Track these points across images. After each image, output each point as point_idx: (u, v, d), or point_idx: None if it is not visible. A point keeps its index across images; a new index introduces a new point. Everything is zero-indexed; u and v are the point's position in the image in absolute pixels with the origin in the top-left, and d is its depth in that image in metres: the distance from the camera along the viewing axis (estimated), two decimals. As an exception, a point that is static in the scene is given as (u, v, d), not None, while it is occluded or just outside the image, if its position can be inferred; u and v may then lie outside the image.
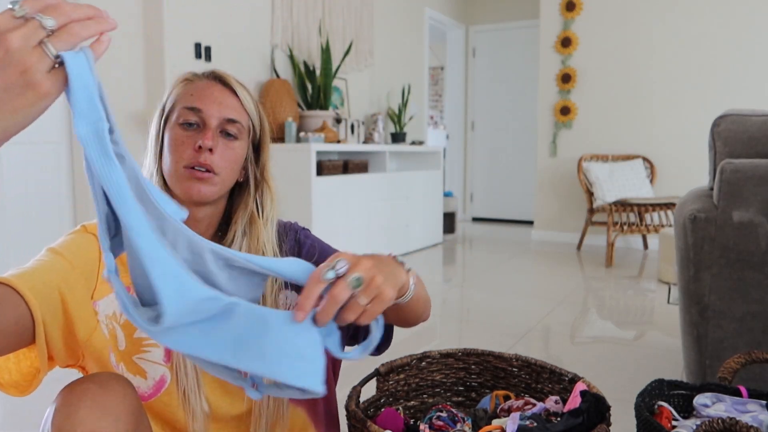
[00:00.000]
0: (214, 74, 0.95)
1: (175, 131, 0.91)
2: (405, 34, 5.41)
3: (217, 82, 0.94)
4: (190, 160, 0.89)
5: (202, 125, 0.91)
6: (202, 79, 0.95)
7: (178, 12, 3.19)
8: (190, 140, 0.90)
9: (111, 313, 0.88)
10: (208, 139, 0.89)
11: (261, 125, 0.99)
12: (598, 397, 0.96)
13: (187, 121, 0.91)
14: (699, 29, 4.56)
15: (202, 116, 0.91)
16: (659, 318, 2.81)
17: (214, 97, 0.92)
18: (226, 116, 0.92)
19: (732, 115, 1.60)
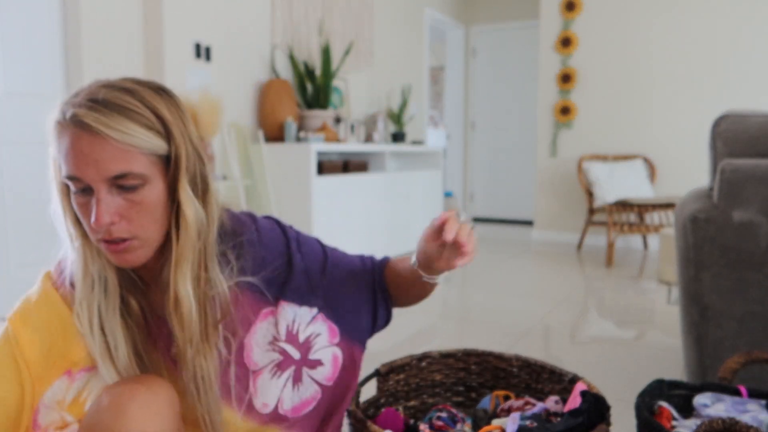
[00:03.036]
0: (75, 120, 0.74)
1: (76, 200, 0.78)
2: (405, 34, 5.41)
3: (83, 131, 0.74)
4: (96, 236, 0.79)
5: (89, 190, 0.76)
6: (69, 127, 0.75)
7: (178, 12, 3.19)
8: (87, 210, 0.77)
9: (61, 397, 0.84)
10: (98, 217, 0.74)
11: (172, 146, 0.79)
12: (598, 397, 0.96)
13: (74, 189, 0.77)
14: (699, 29, 4.56)
15: (84, 183, 0.76)
16: (659, 318, 2.81)
17: (85, 155, 0.73)
18: (110, 175, 0.74)
19: (732, 115, 1.60)
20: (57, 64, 2.91)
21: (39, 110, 2.85)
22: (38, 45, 2.83)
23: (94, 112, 0.74)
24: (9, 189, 2.75)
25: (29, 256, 2.84)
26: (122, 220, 0.77)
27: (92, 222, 0.75)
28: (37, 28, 2.83)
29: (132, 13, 3.11)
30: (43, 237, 3.12)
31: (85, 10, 2.88)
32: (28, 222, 2.83)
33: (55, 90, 2.92)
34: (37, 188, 2.86)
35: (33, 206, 2.85)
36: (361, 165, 4.08)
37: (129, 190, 0.76)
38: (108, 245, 0.78)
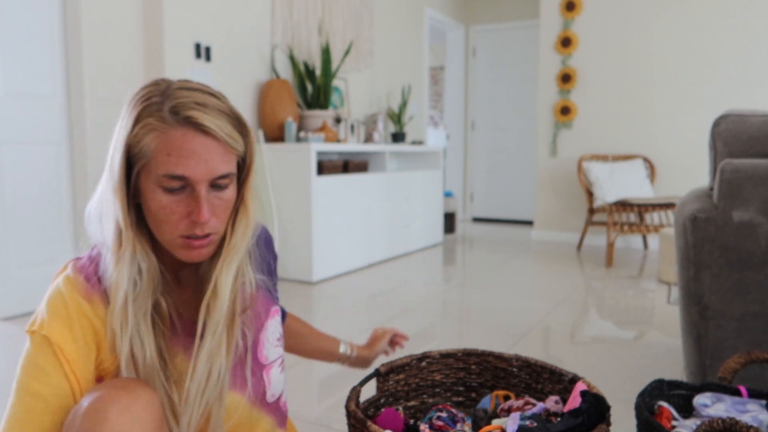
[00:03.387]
0: (190, 121, 0.77)
1: (159, 197, 0.78)
2: (405, 34, 5.41)
3: (197, 131, 0.77)
4: (186, 231, 0.79)
5: (190, 189, 0.79)
6: (176, 127, 0.77)
7: (178, 12, 3.19)
8: (179, 207, 0.79)
9: None
10: (203, 215, 0.78)
11: (247, 147, 0.85)
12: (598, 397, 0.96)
13: (171, 187, 0.78)
14: (699, 29, 4.56)
15: (188, 182, 0.78)
16: (659, 318, 2.81)
17: (197, 155, 0.77)
18: (215, 174, 0.79)
19: (732, 115, 1.60)
20: (57, 64, 2.91)
21: (39, 110, 2.85)
22: (38, 45, 2.84)
23: (208, 115, 0.77)
24: (9, 189, 2.75)
25: (29, 256, 2.84)
26: (213, 216, 0.81)
27: (197, 218, 0.78)
28: (37, 28, 2.83)
29: (132, 13, 3.11)
30: (44, 237, 3.12)
31: (85, 11, 2.88)
32: (28, 222, 2.83)
33: (55, 90, 2.92)
34: (37, 188, 2.86)
35: (33, 206, 2.85)
36: (361, 165, 4.08)
37: (221, 189, 0.81)
38: (193, 241, 0.80)
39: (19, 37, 2.76)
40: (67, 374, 0.78)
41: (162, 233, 0.81)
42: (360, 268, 3.95)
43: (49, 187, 2.91)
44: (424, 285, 3.52)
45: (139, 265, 0.81)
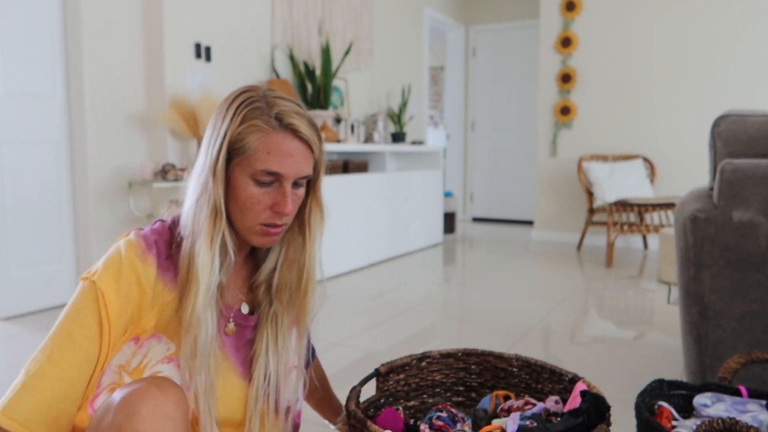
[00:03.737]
0: (291, 128, 0.90)
1: (250, 188, 0.90)
2: (405, 34, 5.41)
3: (295, 137, 0.90)
4: (268, 220, 0.91)
5: (278, 184, 0.91)
6: (282, 131, 0.89)
7: (178, 12, 3.19)
8: (265, 198, 0.90)
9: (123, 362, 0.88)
10: (288, 207, 0.90)
11: (321, 152, 0.98)
12: (598, 397, 0.96)
13: (263, 181, 0.90)
14: (699, 29, 4.56)
15: (278, 178, 0.90)
16: (659, 318, 2.81)
17: (292, 158, 0.90)
18: (301, 174, 0.92)
19: (732, 115, 1.60)
20: (57, 64, 2.91)
21: (39, 110, 2.85)
22: (38, 45, 2.84)
23: (305, 125, 0.91)
24: (9, 189, 2.75)
25: (29, 256, 2.84)
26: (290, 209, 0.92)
27: (283, 210, 0.90)
28: (37, 29, 2.83)
29: (132, 13, 3.11)
30: (44, 237, 3.12)
31: (85, 11, 2.88)
32: (28, 222, 2.83)
33: (55, 90, 2.92)
34: (37, 188, 2.86)
35: (33, 206, 2.85)
36: (361, 165, 4.08)
37: (298, 186, 0.94)
38: (270, 228, 0.92)
39: (19, 37, 2.76)
40: (101, 319, 0.85)
41: (244, 220, 0.91)
42: (360, 268, 3.95)
43: (49, 187, 2.91)
44: (424, 285, 3.52)
45: (226, 246, 0.92)
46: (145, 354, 0.88)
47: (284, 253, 1.00)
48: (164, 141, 3.17)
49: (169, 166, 2.99)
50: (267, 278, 1.01)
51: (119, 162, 3.08)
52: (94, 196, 2.98)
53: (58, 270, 2.96)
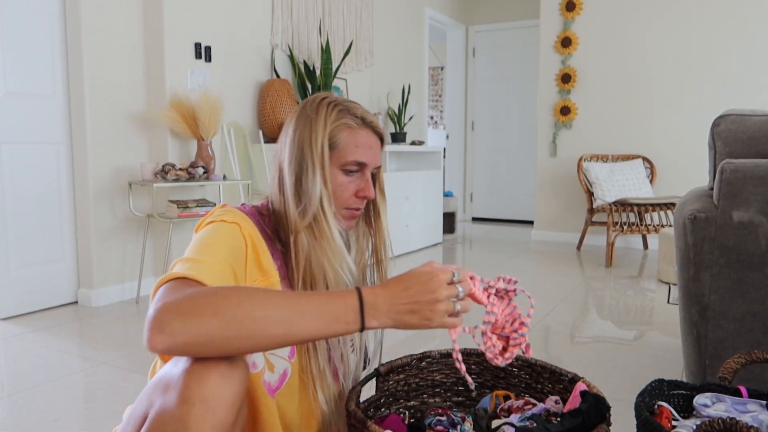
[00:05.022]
0: (374, 126, 1.07)
1: (340, 177, 1.04)
2: (405, 34, 5.41)
3: (374, 133, 1.08)
4: (350, 204, 1.06)
5: (361, 173, 1.06)
6: (365, 128, 1.06)
7: (178, 12, 3.19)
8: (351, 185, 1.05)
9: None
10: (371, 194, 1.06)
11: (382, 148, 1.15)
12: (598, 397, 0.96)
13: (351, 169, 1.05)
14: (699, 29, 4.56)
15: (362, 167, 1.06)
16: (659, 318, 2.81)
17: (374, 152, 1.07)
18: (378, 164, 1.09)
19: (732, 115, 1.60)
20: (57, 64, 2.91)
21: (39, 110, 2.85)
22: (38, 46, 2.83)
23: (380, 124, 1.09)
24: (9, 189, 2.75)
25: (29, 256, 2.84)
26: None
27: (368, 194, 1.06)
28: (38, 29, 2.83)
29: (132, 13, 3.11)
30: (44, 237, 3.11)
31: (85, 11, 2.88)
32: (28, 222, 2.83)
33: (55, 90, 2.92)
34: (38, 188, 2.86)
35: (33, 206, 2.85)
36: (361, 165, 4.08)
37: (373, 176, 1.10)
38: (354, 212, 1.07)
39: (19, 37, 2.76)
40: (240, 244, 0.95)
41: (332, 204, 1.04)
42: (360, 268, 3.95)
43: (49, 187, 2.91)
44: (424, 285, 3.52)
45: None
46: None
47: (356, 239, 1.14)
48: (164, 141, 3.17)
49: (169, 166, 2.99)
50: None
51: (119, 162, 3.08)
52: (94, 196, 2.98)
53: (58, 270, 2.96)
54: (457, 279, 0.84)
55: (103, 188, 3.02)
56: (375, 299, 0.80)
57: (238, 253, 0.94)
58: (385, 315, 0.80)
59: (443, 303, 0.82)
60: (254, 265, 0.97)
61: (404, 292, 0.80)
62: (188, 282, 0.80)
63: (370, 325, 0.80)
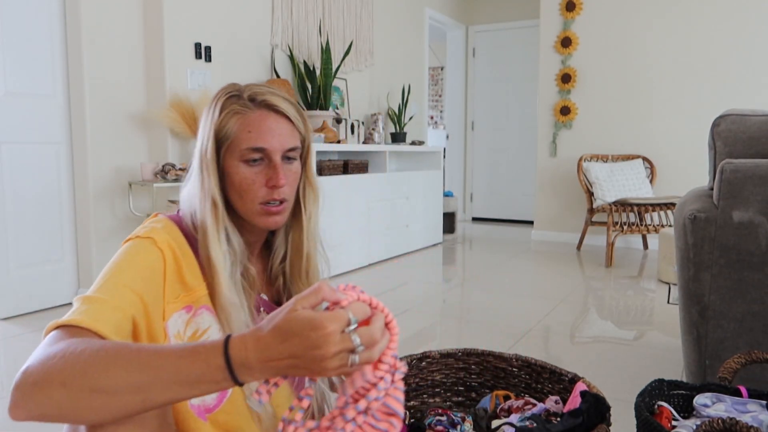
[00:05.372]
0: (266, 102, 0.94)
1: (242, 170, 0.93)
2: (405, 34, 5.41)
3: (271, 111, 0.94)
4: (266, 197, 0.93)
5: (267, 160, 0.94)
6: (254, 109, 0.93)
7: (178, 12, 3.19)
8: (259, 177, 0.93)
9: (176, 332, 0.88)
10: (281, 179, 0.92)
11: (306, 131, 1.00)
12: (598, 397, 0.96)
13: (252, 159, 0.93)
14: (699, 29, 4.56)
15: (266, 153, 0.93)
16: (659, 318, 2.81)
17: (272, 131, 0.93)
18: (288, 146, 0.94)
19: (732, 115, 1.60)
20: (57, 64, 2.91)
21: (39, 110, 2.85)
22: (38, 46, 2.83)
23: (281, 101, 0.94)
24: (9, 189, 2.75)
25: (29, 256, 2.84)
26: (286, 184, 0.95)
27: (276, 182, 0.92)
28: (38, 29, 2.83)
29: (132, 13, 3.11)
30: (44, 237, 3.11)
31: (85, 11, 2.88)
32: (28, 222, 2.83)
33: (55, 90, 2.92)
34: (37, 188, 2.86)
35: (33, 206, 2.85)
36: (361, 165, 4.08)
37: (290, 161, 0.96)
38: (271, 207, 0.94)
39: (19, 37, 2.75)
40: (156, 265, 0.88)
41: (244, 203, 0.94)
42: (360, 268, 3.95)
43: (49, 187, 2.91)
44: (424, 285, 3.52)
45: (229, 237, 0.94)
46: (198, 324, 0.90)
47: (291, 239, 1.03)
48: (164, 141, 3.17)
49: (169, 166, 2.99)
50: (281, 268, 1.03)
51: (119, 162, 3.08)
52: (94, 196, 2.98)
53: (58, 270, 2.96)
54: (354, 324, 0.64)
55: (103, 188, 3.02)
56: (245, 354, 0.64)
57: (151, 273, 0.86)
58: (259, 372, 0.65)
59: (333, 359, 0.63)
60: (176, 279, 0.89)
61: (280, 346, 0.63)
62: (72, 331, 0.73)
63: (247, 379, 0.65)
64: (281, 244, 1.03)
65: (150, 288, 0.85)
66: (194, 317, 0.90)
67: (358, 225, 3.91)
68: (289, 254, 1.02)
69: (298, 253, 1.02)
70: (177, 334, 0.88)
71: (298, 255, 1.02)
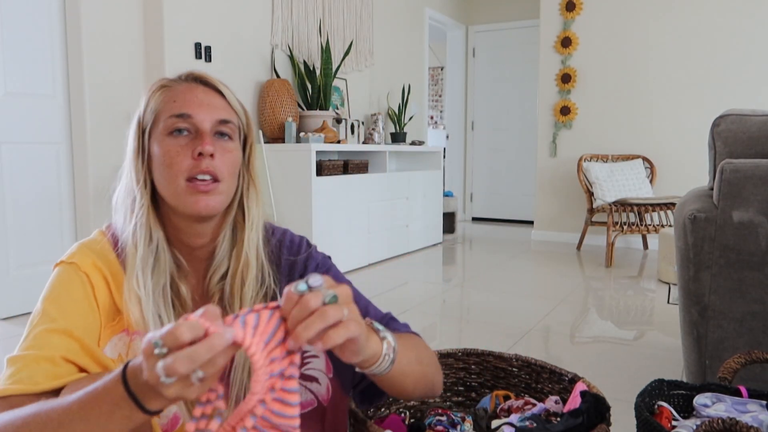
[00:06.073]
0: (193, 75, 0.88)
1: (166, 142, 0.83)
2: (405, 34, 5.41)
3: (199, 83, 0.87)
4: (191, 171, 0.82)
5: (195, 132, 0.84)
6: (181, 83, 0.87)
7: (178, 12, 3.19)
8: (185, 149, 0.82)
9: (116, 356, 0.84)
10: (206, 144, 0.81)
11: (247, 122, 0.92)
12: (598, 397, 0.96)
13: (176, 128, 0.83)
14: (699, 29, 4.56)
15: (192, 122, 0.83)
16: (659, 318, 2.81)
17: (200, 99, 0.84)
18: (218, 117, 0.85)
19: (732, 115, 1.60)
20: (57, 64, 2.91)
21: (39, 110, 2.85)
22: (38, 46, 2.83)
23: (217, 81, 0.88)
24: (9, 189, 2.75)
25: (29, 256, 2.84)
26: (217, 159, 0.83)
27: (198, 150, 0.81)
28: (37, 29, 2.83)
29: (132, 13, 3.11)
30: (44, 237, 3.11)
31: (85, 11, 2.88)
32: (28, 222, 2.83)
33: (56, 90, 2.92)
34: (38, 188, 2.86)
35: (33, 206, 2.85)
36: (361, 165, 4.08)
37: (225, 137, 0.86)
38: (197, 185, 0.82)
39: (19, 37, 2.76)
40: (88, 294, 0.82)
41: (168, 183, 0.83)
42: (360, 268, 3.95)
43: (49, 187, 2.91)
44: (424, 285, 3.52)
45: (152, 233, 0.85)
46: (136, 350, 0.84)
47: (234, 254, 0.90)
48: (164, 141, 3.17)
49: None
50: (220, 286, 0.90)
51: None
52: (94, 196, 2.98)
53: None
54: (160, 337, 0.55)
55: (103, 188, 3.02)
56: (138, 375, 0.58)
57: (77, 304, 0.81)
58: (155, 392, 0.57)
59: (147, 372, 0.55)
60: (108, 302, 0.83)
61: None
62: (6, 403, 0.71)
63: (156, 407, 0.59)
64: (223, 260, 0.90)
65: (80, 320, 0.80)
66: (132, 342, 0.84)
67: (358, 225, 3.91)
68: (230, 271, 0.89)
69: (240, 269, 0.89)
70: (120, 358, 0.83)
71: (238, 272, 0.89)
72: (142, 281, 0.82)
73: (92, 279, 0.83)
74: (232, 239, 0.91)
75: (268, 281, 0.91)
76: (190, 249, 0.90)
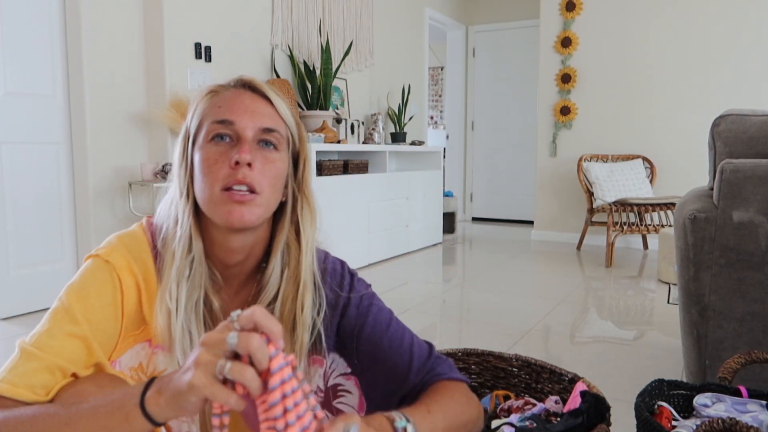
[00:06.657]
0: (242, 81, 0.84)
1: (206, 149, 0.80)
2: (405, 34, 5.41)
3: (246, 89, 0.83)
4: (227, 180, 0.78)
5: (236, 139, 0.80)
6: (229, 88, 0.84)
7: (178, 12, 3.19)
8: (224, 157, 0.79)
9: (136, 365, 0.83)
10: (245, 152, 0.77)
11: (299, 134, 0.88)
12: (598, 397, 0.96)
13: (218, 134, 0.80)
14: (699, 29, 4.56)
15: (234, 128, 0.80)
16: (659, 318, 2.81)
17: (245, 105, 0.81)
18: (262, 125, 0.81)
19: (732, 115, 1.60)
20: (57, 64, 2.91)
21: (39, 110, 2.85)
22: (38, 45, 2.83)
23: (267, 87, 0.84)
24: (9, 189, 2.75)
25: (29, 256, 2.84)
26: (256, 169, 0.79)
27: (235, 158, 0.77)
28: (38, 29, 2.83)
29: (132, 13, 3.11)
30: (44, 237, 3.12)
31: (85, 11, 2.88)
32: (28, 222, 2.83)
33: (55, 90, 2.92)
34: (38, 188, 2.86)
35: (33, 206, 2.85)
36: (361, 165, 4.08)
37: (269, 146, 0.82)
38: (233, 194, 0.77)
39: (19, 37, 2.76)
40: (116, 297, 0.80)
41: (205, 189, 0.79)
42: (360, 268, 3.95)
43: (49, 187, 2.91)
44: (424, 285, 3.52)
45: (192, 245, 0.82)
46: (156, 365, 0.83)
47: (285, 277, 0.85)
48: (164, 141, 3.17)
49: (169, 166, 2.98)
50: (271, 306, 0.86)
51: (119, 162, 3.08)
52: (94, 196, 2.98)
53: (58, 270, 2.96)
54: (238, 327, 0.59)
55: (103, 188, 3.02)
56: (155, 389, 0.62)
57: (106, 309, 0.78)
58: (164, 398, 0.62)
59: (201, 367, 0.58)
60: (135, 311, 0.81)
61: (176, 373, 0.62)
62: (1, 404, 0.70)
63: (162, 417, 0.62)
64: (274, 284, 0.85)
65: (101, 328, 0.78)
66: (154, 355, 0.83)
67: (358, 225, 3.91)
68: (281, 295, 0.85)
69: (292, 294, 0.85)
70: (140, 367, 0.82)
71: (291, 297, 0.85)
72: (175, 293, 0.79)
73: (124, 285, 0.80)
74: (282, 261, 0.86)
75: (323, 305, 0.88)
76: (225, 266, 0.87)
